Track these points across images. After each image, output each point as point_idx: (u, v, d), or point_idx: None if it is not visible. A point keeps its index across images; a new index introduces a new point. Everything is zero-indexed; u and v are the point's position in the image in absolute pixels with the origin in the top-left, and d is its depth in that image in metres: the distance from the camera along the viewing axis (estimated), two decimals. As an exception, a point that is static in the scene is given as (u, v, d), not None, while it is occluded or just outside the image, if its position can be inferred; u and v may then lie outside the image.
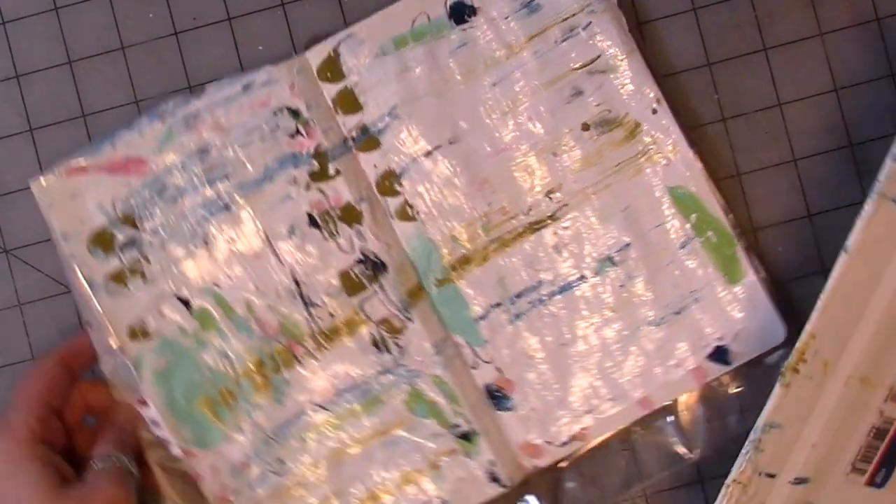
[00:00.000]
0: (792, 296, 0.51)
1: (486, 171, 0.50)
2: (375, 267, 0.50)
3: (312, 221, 0.51)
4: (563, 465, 0.51)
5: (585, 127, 0.50)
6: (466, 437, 0.50)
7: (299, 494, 0.50)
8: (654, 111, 0.50)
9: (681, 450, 0.50)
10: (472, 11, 0.50)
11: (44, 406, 0.47)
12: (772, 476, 0.44)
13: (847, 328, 0.43)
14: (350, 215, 0.51)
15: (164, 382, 0.50)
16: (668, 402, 0.50)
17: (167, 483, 0.49)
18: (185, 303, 0.51)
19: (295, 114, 0.51)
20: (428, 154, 0.50)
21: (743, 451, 0.44)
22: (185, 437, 0.50)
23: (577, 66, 0.50)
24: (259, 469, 0.50)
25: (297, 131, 0.51)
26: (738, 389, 0.50)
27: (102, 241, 0.51)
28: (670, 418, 0.50)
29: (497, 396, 0.50)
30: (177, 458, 0.50)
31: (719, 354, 0.50)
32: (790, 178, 0.51)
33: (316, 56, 0.51)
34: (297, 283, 0.51)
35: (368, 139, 0.51)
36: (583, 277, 0.50)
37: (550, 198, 0.50)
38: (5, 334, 0.53)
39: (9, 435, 0.45)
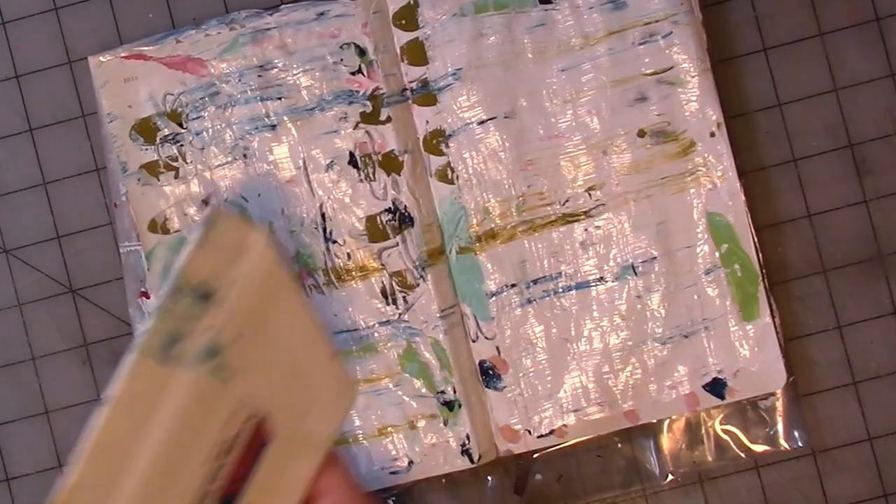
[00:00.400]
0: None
1: (534, 154, 0.50)
2: (403, 220, 0.50)
3: (352, 161, 0.51)
4: (535, 455, 0.51)
5: (641, 133, 0.50)
6: (449, 405, 0.50)
7: (275, 420, 0.51)
8: (713, 134, 0.49)
9: (654, 470, 0.50)
10: (559, -6, 0.50)
11: None
12: None
13: (109, 483, 0.36)
14: (390, 164, 0.51)
15: (171, 280, 0.51)
16: (653, 421, 0.50)
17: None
18: (211, 209, 0.51)
19: (361, 52, 0.51)
20: (482, 123, 0.50)
21: None
22: (179, 338, 0.51)
23: (648, 71, 0.50)
24: (243, 386, 0.51)
25: (359, 70, 0.51)
26: (726, 427, 0.50)
27: (145, 131, 0.51)
28: (651, 437, 0.50)
29: (489, 374, 0.51)
30: None
31: (716, 387, 0.49)
32: (790, 178, 0.51)
33: (396, 0, 0.51)
34: (323, 216, 0.51)
35: (427, 94, 0.51)
36: (602, 279, 0.50)
37: (590, 194, 0.50)
38: (5, 334, 0.53)
39: None
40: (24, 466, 0.53)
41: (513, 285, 0.50)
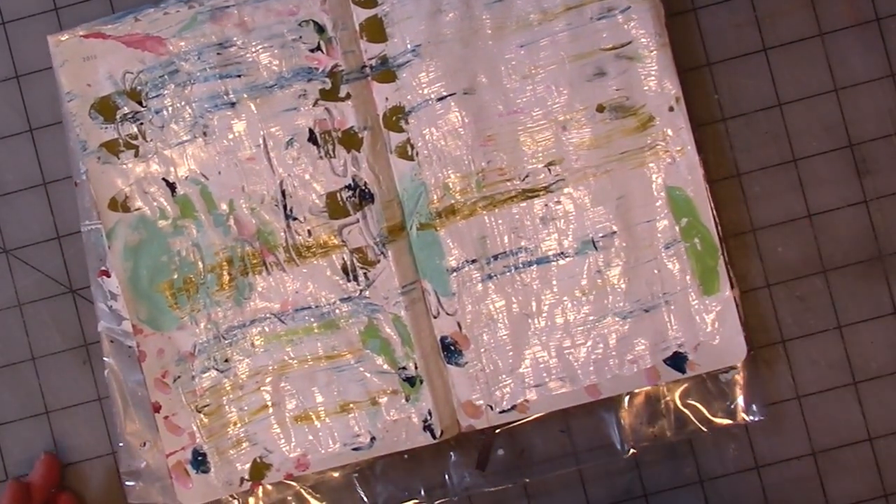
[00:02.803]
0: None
1: (493, 129, 0.50)
2: (363, 196, 0.50)
3: (312, 138, 0.51)
4: (497, 430, 0.51)
5: (600, 108, 0.50)
6: (411, 381, 0.50)
7: (236, 396, 0.51)
8: (671, 109, 0.49)
9: (616, 444, 0.51)
10: (517, -31, 0.50)
11: None
12: None
13: None
14: (350, 140, 0.50)
15: (132, 257, 0.51)
16: (615, 395, 0.50)
17: (109, 351, 0.50)
18: (171, 187, 0.51)
19: (320, 29, 0.50)
20: (441, 99, 0.50)
21: None
22: (139, 315, 0.51)
23: (606, 46, 0.50)
24: (203, 363, 0.51)
25: (318, 47, 0.51)
26: (687, 401, 0.50)
27: (105, 109, 0.51)
28: (613, 411, 0.51)
29: (450, 350, 0.51)
30: (125, 335, 0.51)
31: (676, 361, 0.50)
32: (790, 178, 0.51)
33: (354, -24, 0.51)
34: (283, 193, 0.51)
35: (386, 71, 0.51)
36: (562, 254, 0.50)
37: (549, 169, 0.50)
38: (5, 334, 0.53)
39: None
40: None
41: (473, 261, 0.50)
